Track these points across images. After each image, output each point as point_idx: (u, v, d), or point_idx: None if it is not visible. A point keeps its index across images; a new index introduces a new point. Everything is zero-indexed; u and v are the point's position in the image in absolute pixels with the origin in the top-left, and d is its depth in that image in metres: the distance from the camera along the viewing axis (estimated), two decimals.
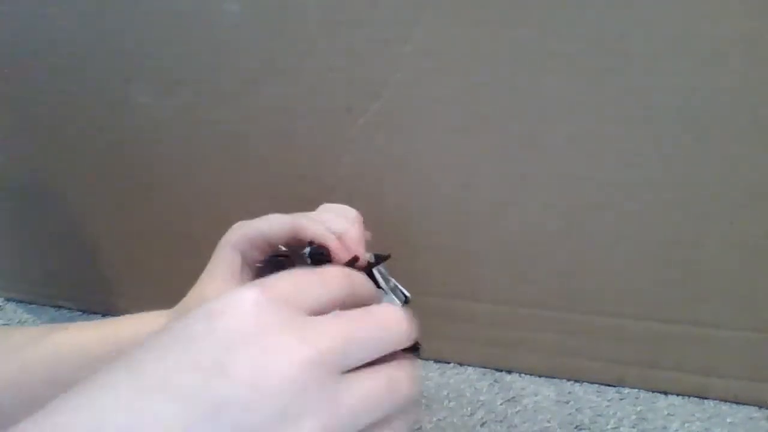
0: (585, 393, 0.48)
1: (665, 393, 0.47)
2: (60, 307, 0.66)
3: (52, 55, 0.52)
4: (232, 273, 0.38)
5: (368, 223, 0.41)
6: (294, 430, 0.22)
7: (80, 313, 0.65)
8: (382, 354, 0.26)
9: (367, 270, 0.37)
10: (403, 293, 0.37)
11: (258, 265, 0.35)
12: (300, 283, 0.27)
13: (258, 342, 0.23)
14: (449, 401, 0.48)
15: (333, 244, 0.37)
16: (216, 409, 0.22)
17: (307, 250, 0.36)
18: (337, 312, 0.27)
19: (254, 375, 0.23)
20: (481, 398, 0.48)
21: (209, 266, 0.40)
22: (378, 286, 0.38)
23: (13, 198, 0.61)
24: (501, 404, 0.47)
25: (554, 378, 0.50)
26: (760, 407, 0.45)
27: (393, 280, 0.38)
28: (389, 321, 0.27)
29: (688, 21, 0.37)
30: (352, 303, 0.28)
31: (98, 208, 0.58)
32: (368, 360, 0.25)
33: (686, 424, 0.44)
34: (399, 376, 0.26)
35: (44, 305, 0.66)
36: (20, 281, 0.67)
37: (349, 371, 0.25)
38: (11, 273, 0.67)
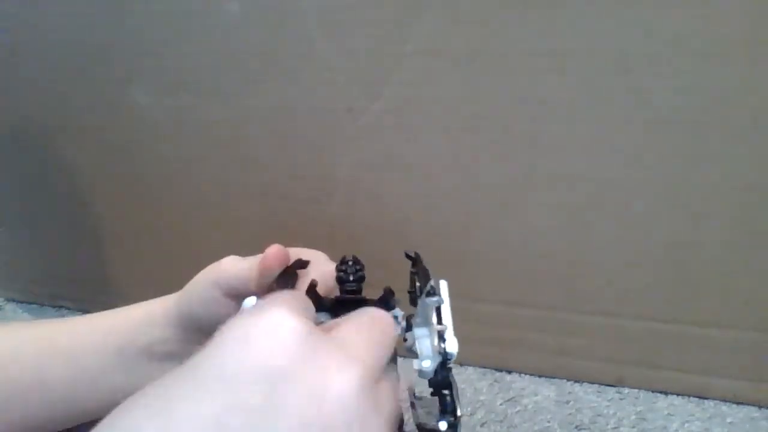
0: (585, 393, 0.48)
1: (665, 393, 0.47)
2: (60, 307, 0.66)
3: (52, 55, 0.52)
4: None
5: (368, 223, 0.41)
6: None
7: (80, 313, 0.65)
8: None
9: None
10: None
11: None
12: (299, 299, 0.27)
13: (306, 371, 0.21)
14: None
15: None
16: None
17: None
18: (339, 321, 0.27)
19: (306, 409, 0.21)
20: (481, 398, 0.48)
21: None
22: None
23: (13, 198, 0.61)
24: (501, 404, 0.47)
25: (554, 378, 0.50)
26: (760, 407, 0.45)
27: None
28: (385, 322, 0.28)
29: (688, 21, 0.37)
30: None
31: (98, 208, 0.58)
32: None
33: (686, 424, 0.44)
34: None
35: (44, 305, 0.66)
36: (20, 281, 0.67)
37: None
38: (11, 273, 0.67)
